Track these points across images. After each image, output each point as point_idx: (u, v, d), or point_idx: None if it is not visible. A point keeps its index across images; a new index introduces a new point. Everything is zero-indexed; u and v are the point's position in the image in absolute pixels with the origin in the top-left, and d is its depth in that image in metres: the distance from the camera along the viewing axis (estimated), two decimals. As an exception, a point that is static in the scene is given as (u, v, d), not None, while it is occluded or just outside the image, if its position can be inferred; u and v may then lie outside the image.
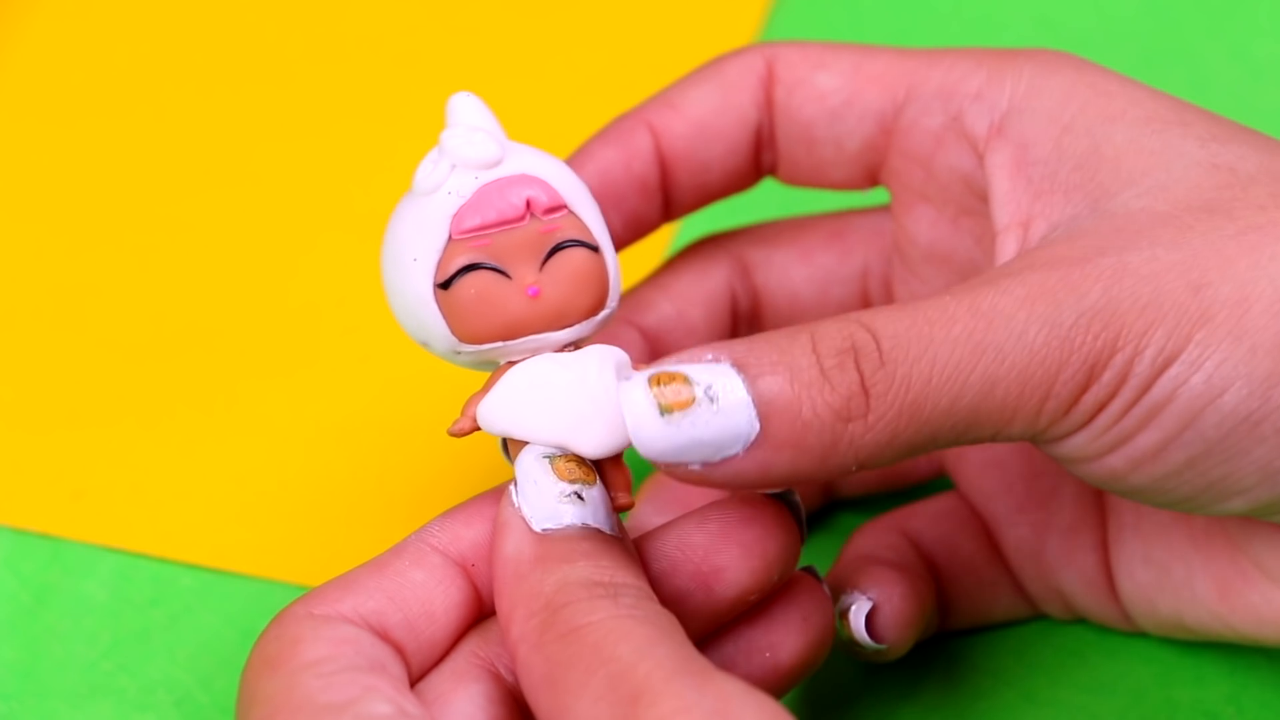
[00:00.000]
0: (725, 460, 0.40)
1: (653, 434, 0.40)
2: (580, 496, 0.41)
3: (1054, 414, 0.41)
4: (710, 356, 0.40)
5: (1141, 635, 0.49)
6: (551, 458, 0.41)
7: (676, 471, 0.40)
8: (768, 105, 0.48)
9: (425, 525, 0.43)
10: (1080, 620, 0.49)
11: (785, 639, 0.44)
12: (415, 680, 0.41)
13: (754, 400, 0.40)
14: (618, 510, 0.42)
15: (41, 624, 0.52)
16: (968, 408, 0.40)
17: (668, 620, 0.39)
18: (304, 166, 0.62)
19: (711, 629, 0.43)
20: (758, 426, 0.40)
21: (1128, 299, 0.40)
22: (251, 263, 0.59)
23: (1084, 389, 0.40)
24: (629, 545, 0.42)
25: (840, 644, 0.47)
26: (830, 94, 0.47)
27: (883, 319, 0.41)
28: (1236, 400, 0.40)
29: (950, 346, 0.40)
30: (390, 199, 0.60)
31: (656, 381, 0.40)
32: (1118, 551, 0.48)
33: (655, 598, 0.40)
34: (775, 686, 0.44)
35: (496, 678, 0.42)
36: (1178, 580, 0.47)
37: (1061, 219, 0.43)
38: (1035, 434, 0.41)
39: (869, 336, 0.40)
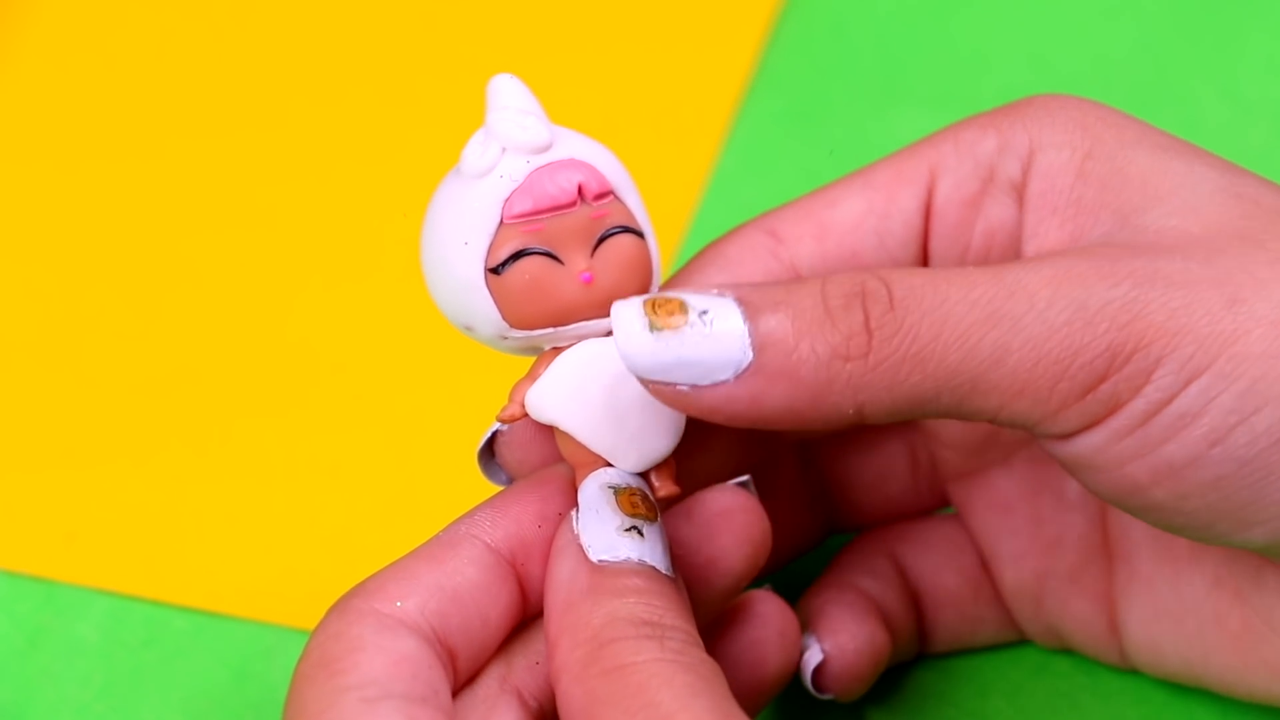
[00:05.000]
0: (715, 385, 0.40)
1: (639, 347, 0.40)
2: (640, 532, 0.41)
3: (1066, 397, 0.40)
4: (715, 291, 0.40)
5: (1133, 675, 0.49)
6: (616, 489, 0.41)
7: (664, 392, 0.40)
8: (787, 269, 0.45)
9: (474, 515, 0.42)
10: (1069, 650, 0.49)
11: (768, 654, 0.45)
12: (460, 687, 0.41)
13: (751, 330, 0.40)
14: (660, 500, 0.42)
15: (34, 666, 0.52)
16: (975, 372, 0.40)
17: (711, 669, 0.39)
18: (298, 207, 0.62)
19: (709, 620, 0.43)
20: (751, 355, 0.40)
21: (1158, 300, 0.40)
22: (245, 303, 0.59)
23: (1102, 378, 0.40)
24: (681, 587, 0.42)
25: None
26: (863, 217, 0.45)
27: (900, 272, 0.40)
28: (1270, 421, 0.39)
29: (966, 307, 0.40)
30: (384, 242, 0.60)
31: (652, 304, 0.40)
32: (1126, 602, 0.47)
33: (702, 644, 0.40)
34: (761, 698, 0.45)
35: (525, 704, 0.42)
36: (1189, 633, 0.47)
37: (1092, 238, 0.43)
38: (1045, 418, 0.40)
39: (881, 285, 0.40)
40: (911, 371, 0.40)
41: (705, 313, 0.40)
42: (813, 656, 0.47)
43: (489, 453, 0.44)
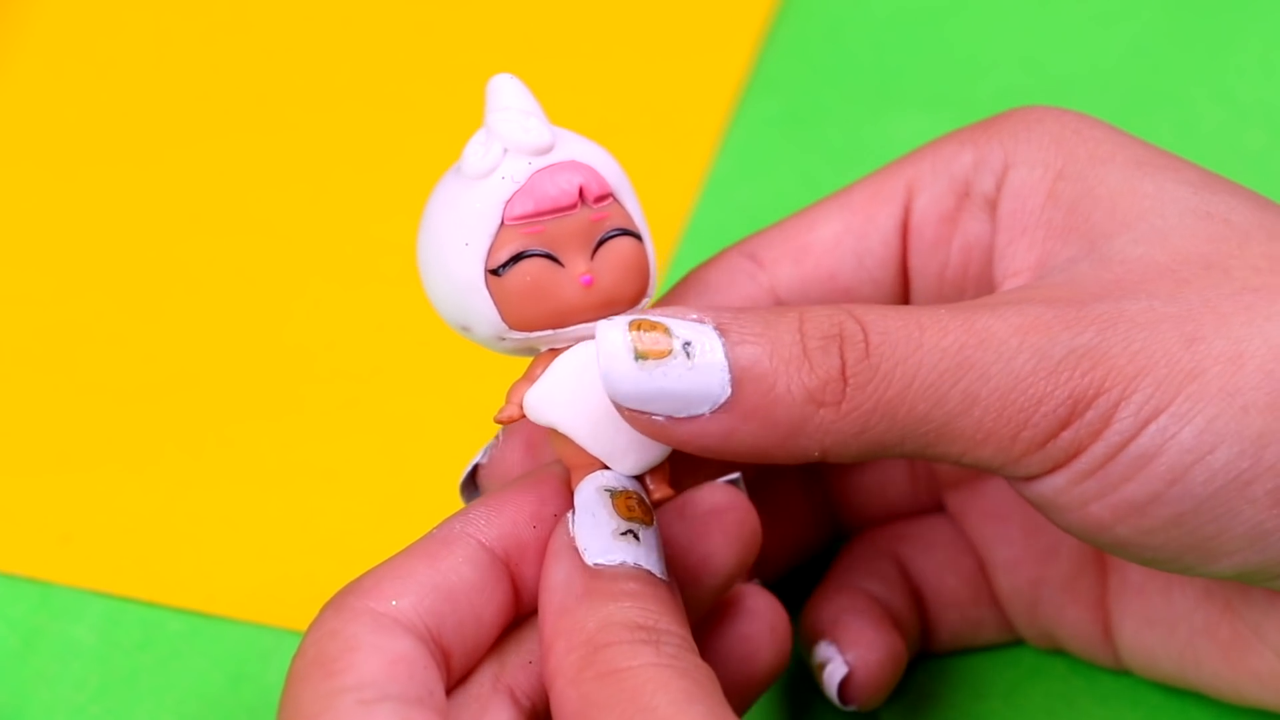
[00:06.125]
0: (690, 418, 0.40)
1: (623, 375, 0.40)
2: (636, 536, 0.41)
3: (1029, 445, 0.40)
4: (695, 316, 0.40)
5: (1130, 678, 0.49)
6: (612, 492, 0.42)
7: (640, 420, 0.40)
8: (767, 293, 0.46)
9: (469, 513, 0.42)
10: (1064, 652, 0.50)
11: (759, 649, 0.45)
12: (452, 686, 0.41)
13: (730, 365, 0.40)
14: (653, 503, 0.42)
15: (30, 668, 0.52)
16: (942, 420, 0.40)
17: (706, 675, 0.40)
18: (294, 209, 0.62)
19: (698, 617, 0.43)
20: (729, 391, 0.40)
21: (1120, 343, 0.40)
22: (240, 304, 0.59)
23: (1064, 425, 0.40)
24: (676, 591, 0.42)
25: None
26: (840, 237, 0.46)
27: (875, 314, 0.41)
28: (1227, 458, 0.40)
29: (938, 355, 0.40)
30: (378, 244, 0.60)
31: (637, 327, 0.40)
32: (1119, 610, 0.48)
33: (696, 649, 0.40)
34: (751, 693, 0.45)
35: (517, 704, 0.42)
36: (1181, 641, 0.47)
37: (1059, 263, 0.43)
38: (1008, 464, 0.41)
39: (858, 327, 0.40)
40: (881, 419, 0.40)
41: (689, 344, 0.40)
42: (837, 669, 0.47)
43: (472, 484, 0.44)
